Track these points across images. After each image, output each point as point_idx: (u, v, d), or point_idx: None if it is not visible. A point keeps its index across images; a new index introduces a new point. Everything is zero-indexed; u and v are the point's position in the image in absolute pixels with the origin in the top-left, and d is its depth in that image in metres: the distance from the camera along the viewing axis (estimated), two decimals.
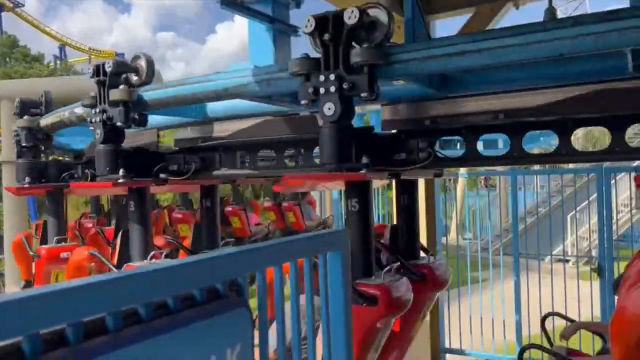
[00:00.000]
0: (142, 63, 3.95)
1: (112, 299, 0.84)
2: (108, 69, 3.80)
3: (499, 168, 13.32)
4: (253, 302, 1.20)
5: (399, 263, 3.21)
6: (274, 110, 4.32)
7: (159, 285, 0.91)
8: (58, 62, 55.78)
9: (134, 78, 3.95)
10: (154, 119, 5.59)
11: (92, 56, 56.67)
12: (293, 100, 4.04)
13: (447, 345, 6.33)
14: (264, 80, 3.44)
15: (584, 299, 5.80)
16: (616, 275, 5.36)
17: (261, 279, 1.19)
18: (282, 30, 3.75)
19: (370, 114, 16.38)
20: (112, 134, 3.89)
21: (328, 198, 12.41)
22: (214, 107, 4.84)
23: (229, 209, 8.73)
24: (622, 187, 12.65)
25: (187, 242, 5.35)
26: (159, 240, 5.16)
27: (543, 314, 4.07)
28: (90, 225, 6.54)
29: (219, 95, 3.58)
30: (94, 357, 0.82)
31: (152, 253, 3.87)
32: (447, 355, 6.36)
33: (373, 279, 2.89)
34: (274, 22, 3.67)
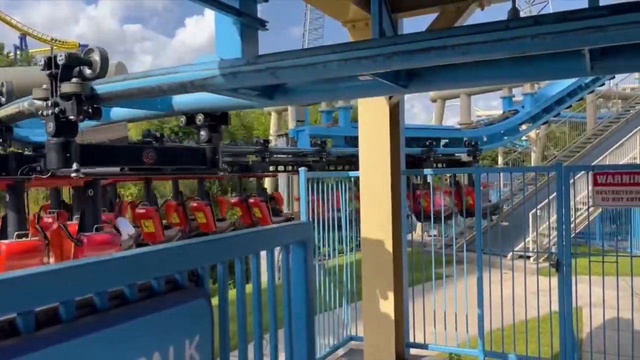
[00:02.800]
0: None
1: (64, 289, 0.82)
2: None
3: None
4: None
5: None
6: (240, 105, 4.29)
7: (114, 275, 0.90)
8: (18, 52, 53.99)
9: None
10: (119, 112, 5.49)
11: (55, 47, 55.01)
12: (260, 94, 4.03)
13: (411, 339, 6.41)
14: (231, 73, 3.41)
15: (543, 294, 5.96)
16: (574, 270, 5.53)
17: (222, 270, 1.17)
18: (249, 24, 3.72)
19: (340, 112, 16.34)
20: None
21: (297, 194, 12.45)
22: (180, 100, 4.78)
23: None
24: (581, 186, 13.05)
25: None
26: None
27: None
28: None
29: (184, 88, 3.53)
30: (46, 347, 0.80)
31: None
32: (411, 350, 6.44)
33: None
34: (241, 15, 3.63)
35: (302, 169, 5.91)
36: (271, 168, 11.07)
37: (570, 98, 17.25)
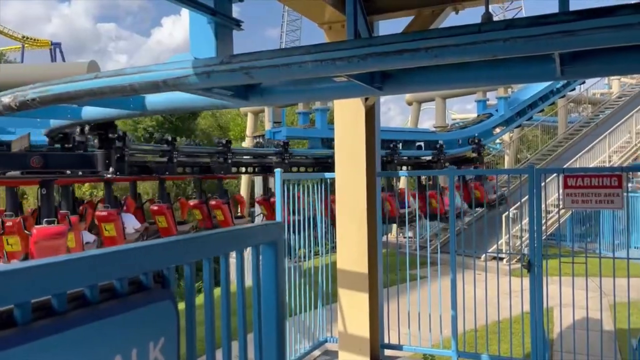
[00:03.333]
0: None
1: (18, 290, 0.79)
2: None
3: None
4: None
5: None
6: (214, 105, 4.25)
7: (74, 276, 0.87)
8: None
9: None
10: (91, 112, 5.39)
11: (27, 45, 53.81)
12: (234, 94, 4.00)
13: (385, 340, 6.44)
14: (205, 72, 3.38)
15: (516, 295, 6.05)
16: (545, 271, 5.62)
17: (189, 271, 1.15)
18: (224, 24, 3.69)
19: (317, 113, 16.36)
20: None
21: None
22: (154, 100, 4.72)
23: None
24: (553, 188, 13.30)
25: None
26: None
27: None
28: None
29: (157, 87, 3.48)
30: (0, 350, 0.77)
31: None
32: (386, 351, 6.46)
33: None
34: (216, 14, 3.60)
35: (277, 170, 5.88)
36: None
37: (543, 102, 17.59)
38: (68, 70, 10.60)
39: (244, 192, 18.90)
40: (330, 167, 10.66)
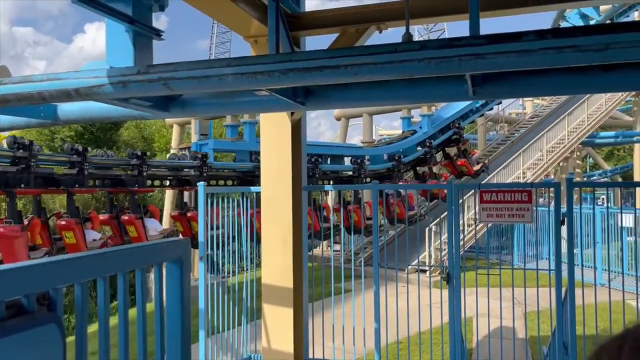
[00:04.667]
0: None
1: None
2: None
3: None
4: None
5: None
6: (133, 115, 4.11)
7: None
8: None
9: None
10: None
11: None
12: (154, 105, 3.88)
13: (310, 355, 6.41)
14: (121, 82, 3.25)
15: (438, 306, 6.24)
16: (463, 283, 5.84)
17: (80, 292, 1.07)
18: (143, 33, 3.58)
19: (245, 126, 16.24)
20: None
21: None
22: (67, 109, 4.48)
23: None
24: (473, 203, 13.91)
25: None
26: None
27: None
28: None
29: (68, 96, 3.31)
30: None
31: None
32: None
33: None
34: (134, 23, 3.49)
35: (200, 184, 5.75)
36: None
37: (463, 120, 18.42)
38: None
39: (167, 206, 18.33)
40: (256, 181, 10.54)
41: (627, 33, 2.56)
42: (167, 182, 10.90)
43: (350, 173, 14.23)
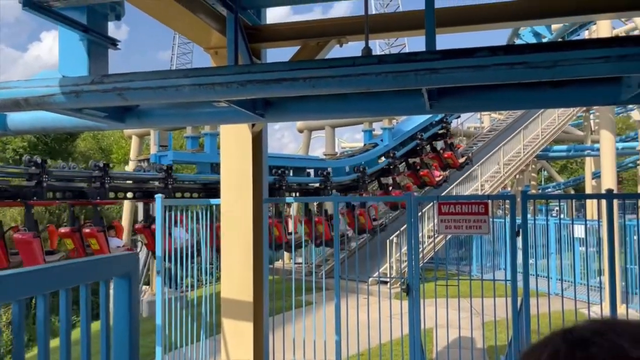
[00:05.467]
0: None
1: None
2: None
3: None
4: None
5: None
6: (87, 126, 4.01)
7: None
8: None
9: None
10: None
11: None
12: (109, 115, 3.79)
13: None
14: (73, 92, 3.16)
15: (398, 317, 6.29)
16: (422, 294, 5.90)
17: (17, 310, 1.02)
18: (97, 42, 3.50)
19: (206, 137, 16.05)
20: None
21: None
22: (17, 119, 4.33)
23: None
24: (433, 215, 14.14)
25: None
26: None
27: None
28: None
29: (17, 105, 3.20)
30: None
31: None
32: None
33: None
34: (89, 32, 3.41)
35: (158, 196, 5.63)
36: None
37: (425, 133, 18.75)
38: None
39: (125, 219, 17.88)
40: (218, 193, 10.40)
41: (575, 51, 2.66)
42: (131, 194, 10.67)
43: (317, 185, 14.27)
